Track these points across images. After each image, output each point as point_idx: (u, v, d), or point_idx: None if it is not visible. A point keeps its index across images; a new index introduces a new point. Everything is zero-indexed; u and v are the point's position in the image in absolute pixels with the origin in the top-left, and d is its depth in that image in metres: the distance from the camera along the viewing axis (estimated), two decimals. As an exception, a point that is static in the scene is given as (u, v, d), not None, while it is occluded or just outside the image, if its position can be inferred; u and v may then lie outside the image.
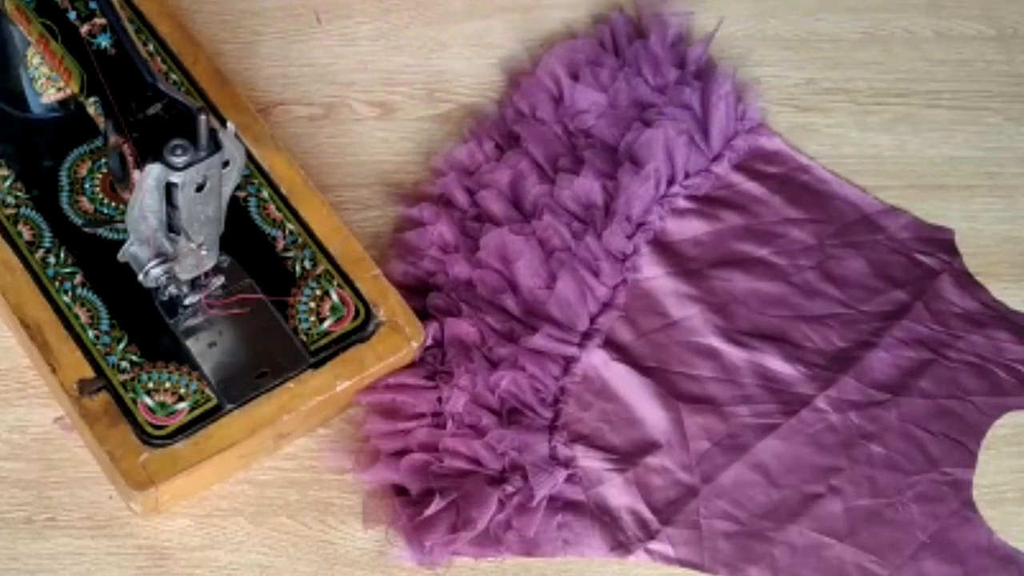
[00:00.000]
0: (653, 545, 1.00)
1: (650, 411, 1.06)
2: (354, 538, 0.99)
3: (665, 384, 1.07)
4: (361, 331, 1.03)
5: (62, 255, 1.03)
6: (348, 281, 1.05)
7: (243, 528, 0.99)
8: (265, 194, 1.08)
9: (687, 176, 1.16)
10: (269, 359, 1.00)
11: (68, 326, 1.00)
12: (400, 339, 1.03)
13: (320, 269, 1.05)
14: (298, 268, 1.05)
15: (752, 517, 1.02)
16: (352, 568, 0.98)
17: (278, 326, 1.02)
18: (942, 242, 1.17)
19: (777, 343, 1.09)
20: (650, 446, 1.04)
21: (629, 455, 1.03)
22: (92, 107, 0.94)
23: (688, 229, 1.15)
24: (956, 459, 1.06)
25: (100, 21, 0.95)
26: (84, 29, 0.94)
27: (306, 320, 1.03)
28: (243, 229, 1.05)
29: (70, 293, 1.02)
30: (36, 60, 1.05)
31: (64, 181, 1.07)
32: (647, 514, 1.01)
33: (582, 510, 1.01)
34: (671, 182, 1.16)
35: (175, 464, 0.96)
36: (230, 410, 0.98)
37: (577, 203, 1.12)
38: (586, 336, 1.07)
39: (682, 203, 1.16)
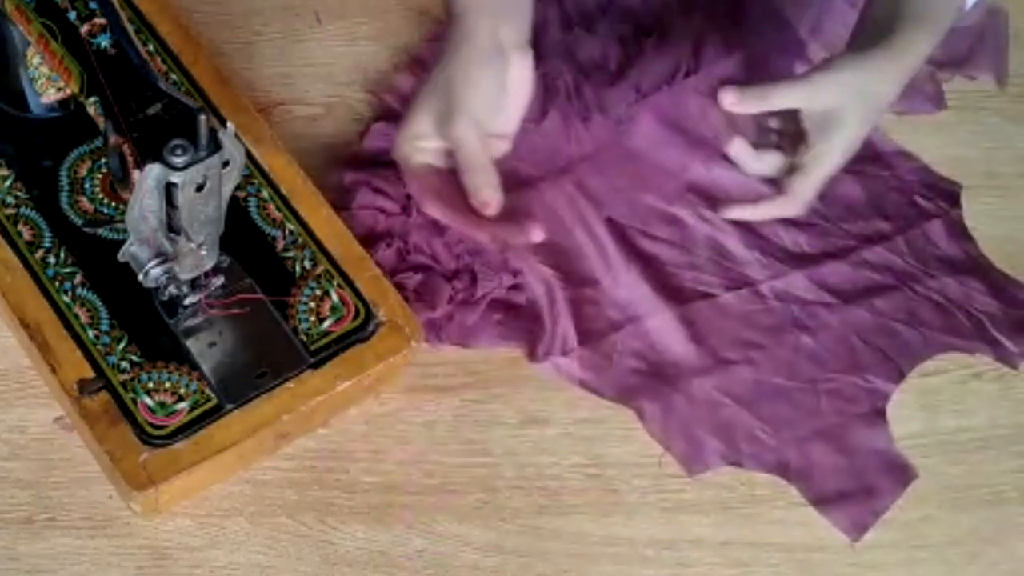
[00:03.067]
0: (562, 360, 1.05)
1: (600, 250, 1.10)
2: (354, 538, 0.99)
3: (621, 234, 1.10)
4: (361, 331, 1.03)
5: (62, 255, 1.03)
6: (348, 281, 1.04)
7: (243, 528, 0.99)
8: (265, 194, 1.08)
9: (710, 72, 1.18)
10: (269, 359, 1.00)
11: (68, 326, 1.00)
12: (400, 339, 1.03)
13: (320, 269, 1.05)
14: (298, 268, 1.05)
15: (663, 362, 1.06)
16: (352, 568, 0.98)
17: (278, 326, 1.02)
18: (947, 192, 1.18)
19: (742, 230, 1.12)
20: (591, 280, 1.09)
21: (572, 281, 1.08)
22: (92, 107, 0.94)
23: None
24: (883, 372, 1.08)
25: (100, 21, 0.95)
26: (84, 29, 0.94)
27: (306, 320, 1.03)
28: (243, 229, 1.05)
29: (70, 293, 1.02)
30: (36, 60, 1.05)
31: (64, 181, 1.07)
32: (570, 333, 1.06)
33: (519, 314, 1.06)
34: (690, 72, 1.17)
35: (175, 464, 0.96)
36: (230, 410, 0.98)
37: (590, 62, 1.15)
38: (560, 172, 1.11)
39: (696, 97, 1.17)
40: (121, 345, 1.00)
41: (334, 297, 1.04)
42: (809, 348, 1.08)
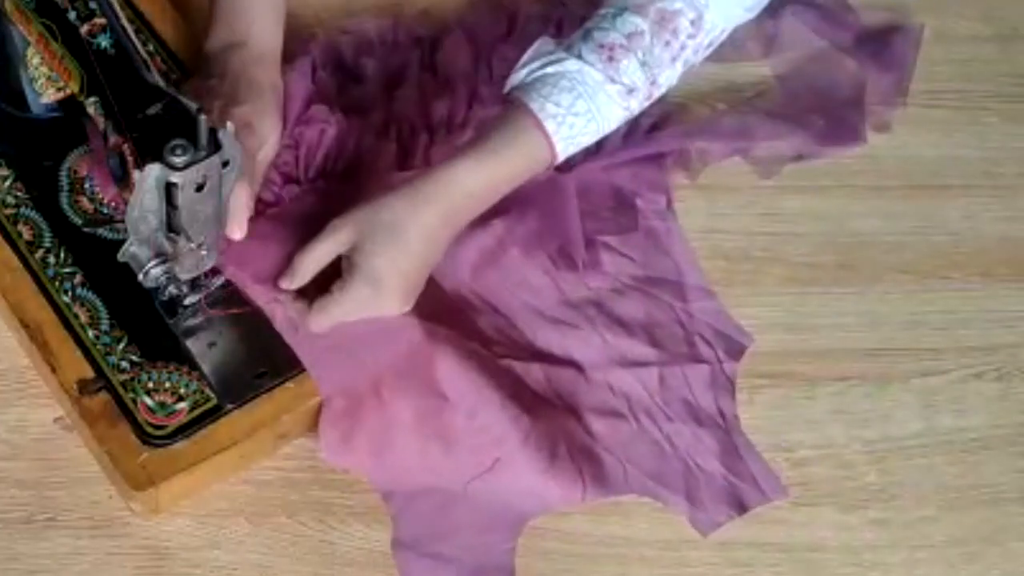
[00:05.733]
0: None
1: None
2: (354, 538, 0.99)
3: None
4: (361, 331, 1.03)
5: (62, 255, 1.03)
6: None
7: (243, 528, 0.99)
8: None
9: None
10: (269, 359, 1.00)
11: (68, 326, 1.00)
12: (400, 339, 1.03)
13: None
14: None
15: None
16: (352, 568, 0.98)
17: (278, 326, 1.02)
18: (733, 344, 1.11)
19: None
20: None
21: None
22: (92, 107, 0.94)
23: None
24: (567, 488, 1.01)
25: (100, 21, 0.95)
26: (84, 29, 0.94)
27: (306, 320, 1.02)
28: None
29: (70, 293, 1.02)
30: (36, 60, 1.05)
31: (64, 181, 1.07)
32: None
33: None
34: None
35: (175, 464, 0.96)
36: (230, 410, 0.98)
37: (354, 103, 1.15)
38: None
39: None
40: (121, 345, 1.00)
41: (334, 297, 1.04)
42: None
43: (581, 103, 1.00)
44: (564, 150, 1.01)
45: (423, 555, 0.98)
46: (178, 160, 0.86)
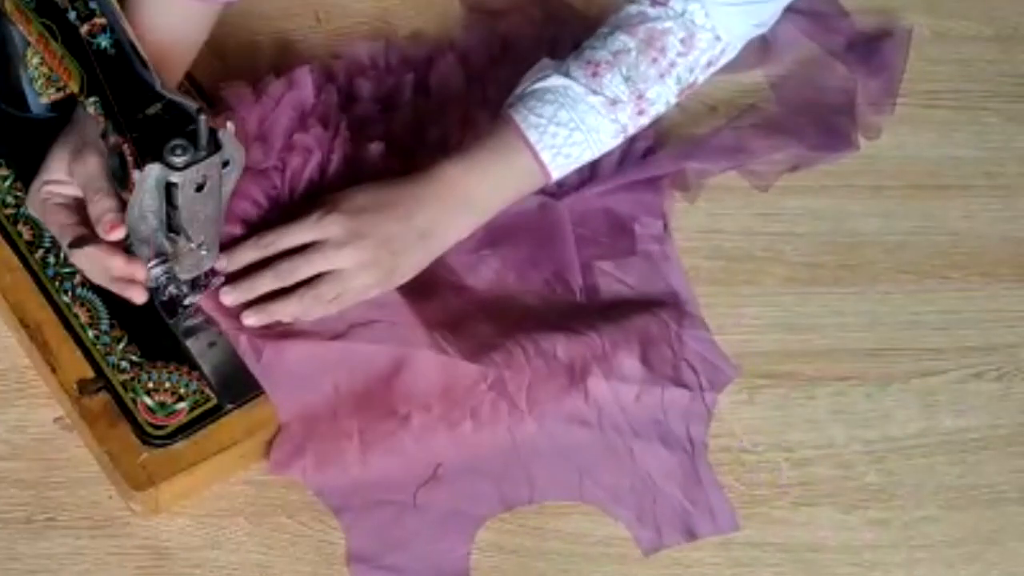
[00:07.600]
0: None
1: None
2: (354, 538, 1.00)
3: None
4: (361, 331, 1.03)
5: (62, 255, 1.03)
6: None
7: (243, 528, 0.99)
8: None
9: None
10: (269, 359, 1.00)
11: (68, 326, 1.00)
12: (400, 339, 1.03)
13: None
14: None
15: None
16: (352, 568, 0.98)
17: (278, 326, 1.02)
18: (719, 375, 1.10)
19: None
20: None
21: None
22: (92, 107, 0.94)
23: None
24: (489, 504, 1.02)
25: (100, 21, 0.95)
26: (84, 29, 0.94)
27: (306, 320, 1.02)
28: None
29: (70, 293, 1.02)
30: (36, 60, 1.05)
31: (64, 181, 1.07)
32: None
33: None
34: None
35: (175, 464, 0.96)
36: (230, 410, 0.98)
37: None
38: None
39: None
40: (121, 345, 1.00)
41: (334, 297, 1.04)
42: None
43: (563, 113, 1.03)
44: (553, 161, 1.03)
45: (378, 568, 0.98)
46: (178, 160, 0.86)
